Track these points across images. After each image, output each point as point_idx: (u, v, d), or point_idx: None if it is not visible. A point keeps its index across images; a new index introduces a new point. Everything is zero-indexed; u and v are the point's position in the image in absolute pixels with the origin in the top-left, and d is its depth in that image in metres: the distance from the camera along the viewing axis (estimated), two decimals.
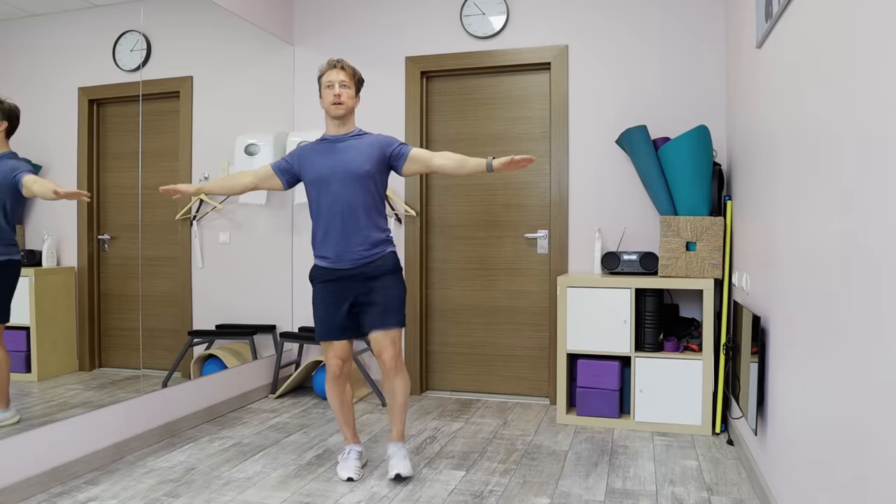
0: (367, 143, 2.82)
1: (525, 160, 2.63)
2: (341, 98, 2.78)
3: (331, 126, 2.86)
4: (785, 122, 2.19)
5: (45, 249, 2.72)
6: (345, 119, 2.83)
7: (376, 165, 2.80)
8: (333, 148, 2.83)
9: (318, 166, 2.81)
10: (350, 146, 2.82)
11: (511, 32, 4.13)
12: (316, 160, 2.82)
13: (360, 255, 2.78)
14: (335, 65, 2.81)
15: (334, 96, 2.78)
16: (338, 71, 2.80)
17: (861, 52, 1.45)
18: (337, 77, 2.79)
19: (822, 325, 1.73)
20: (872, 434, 1.36)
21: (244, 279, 3.99)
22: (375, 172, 2.80)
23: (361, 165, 2.77)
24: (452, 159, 2.78)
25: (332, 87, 2.79)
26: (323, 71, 2.83)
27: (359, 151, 2.80)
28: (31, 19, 2.68)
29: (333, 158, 2.80)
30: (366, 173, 2.77)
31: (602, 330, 3.56)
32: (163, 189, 2.77)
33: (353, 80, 2.83)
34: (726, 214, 3.45)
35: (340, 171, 2.77)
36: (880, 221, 1.32)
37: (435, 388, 4.36)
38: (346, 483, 2.78)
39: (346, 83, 2.80)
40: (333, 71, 2.80)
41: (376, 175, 2.81)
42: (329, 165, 2.79)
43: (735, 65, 3.39)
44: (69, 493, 2.66)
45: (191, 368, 3.57)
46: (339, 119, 2.82)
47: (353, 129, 2.86)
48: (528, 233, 4.17)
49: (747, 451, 2.87)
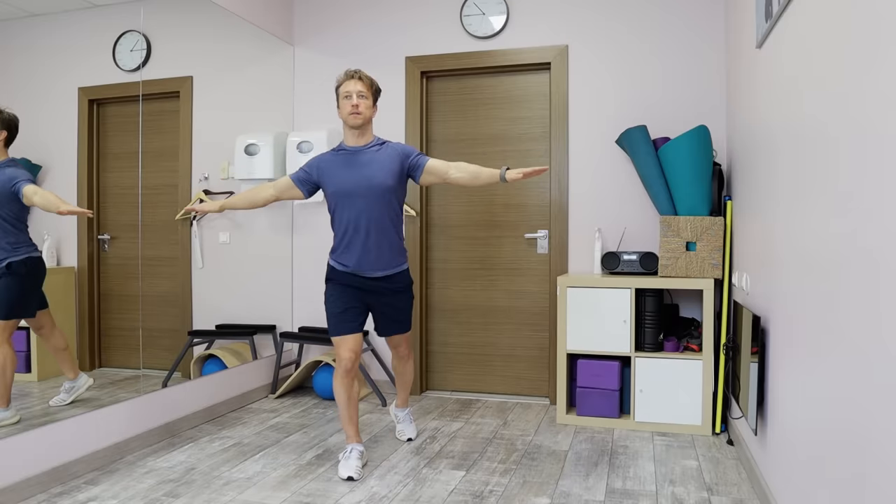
0: (387, 156, 2.85)
1: (538, 170, 2.66)
2: (359, 108, 2.80)
3: (349, 136, 2.88)
4: (784, 122, 2.19)
5: (45, 249, 2.73)
6: (363, 129, 2.86)
7: (397, 179, 2.87)
8: (354, 160, 2.85)
9: (340, 179, 2.84)
10: (372, 159, 2.85)
11: (511, 32, 4.13)
12: (337, 172, 2.85)
13: (379, 267, 2.90)
14: (353, 75, 2.83)
15: (352, 107, 2.80)
16: (355, 81, 2.82)
17: (861, 52, 1.45)
18: (354, 87, 2.81)
19: (822, 325, 1.73)
20: (871, 434, 1.36)
21: (244, 279, 3.99)
22: (397, 186, 2.88)
23: (384, 180, 2.82)
24: (467, 171, 2.83)
25: (349, 97, 2.81)
26: (340, 81, 2.85)
27: (380, 165, 2.84)
28: (31, 19, 2.68)
29: (356, 173, 2.84)
30: (388, 188, 2.84)
31: (602, 330, 3.56)
32: (188, 208, 2.90)
33: (371, 91, 2.85)
34: (726, 214, 3.45)
35: (364, 186, 2.82)
36: (878, 222, 1.32)
37: (435, 388, 4.36)
38: (346, 483, 2.78)
39: (363, 93, 2.82)
40: (351, 81, 2.82)
41: (398, 189, 2.89)
42: (352, 180, 2.83)
43: (735, 65, 3.39)
44: (69, 493, 2.66)
45: (191, 368, 3.57)
46: (358, 129, 2.84)
47: (371, 139, 2.89)
48: (528, 233, 4.17)
49: (747, 451, 2.87)
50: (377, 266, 2.89)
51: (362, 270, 2.89)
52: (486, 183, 2.82)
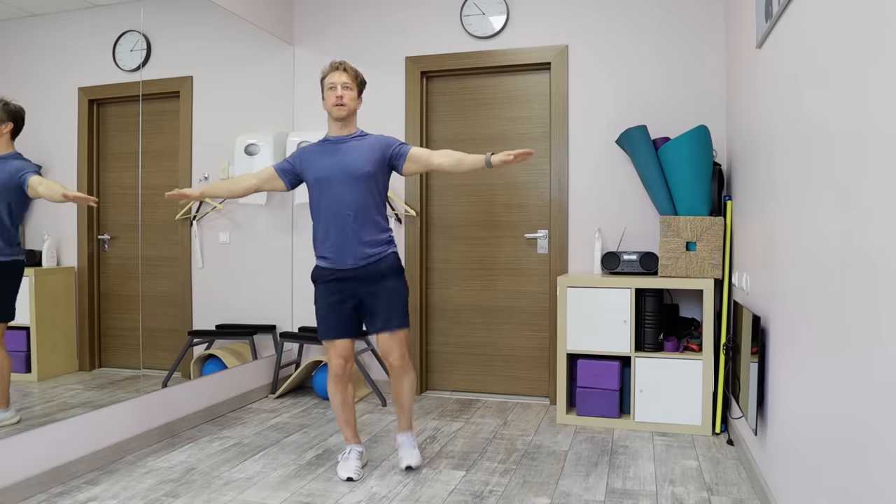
0: (367, 144, 2.84)
1: (523, 153, 2.64)
2: (343, 100, 2.80)
3: (333, 127, 2.88)
4: (784, 122, 2.19)
5: (45, 249, 2.73)
6: (347, 120, 2.85)
7: (377, 166, 2.82)
8: (335, 149, 2.84)
9: (319, 167, 2.83)
10: (352, 147, 2.83)
11: (511, 32, 4.13)
12: (317, 161, 2.84)
13: (360, 254, 2.80)
14: (337, 66, 2.83)
15: (336, 98, 2.80)
16: (340, 73, 2.82)
17: (861, 52, 1.45)
18: (339, 79, 2.81)
19: (822, 325, 1.73)
20: (871, 434, 1.36)
21: (244, 279, 3.99)
22: (377, 173, 2.83)
23: (362, 166, 2.79)
24: (450, 157, 2.81)
25: (334, 88, 2.81)
26: (325, 73, 2.84)
27: (360, 153, 2.82)
28: (31, 19, 2.68)
29: (335, 159, 2.82)
30: (366, 174, 2.80)
31: (602, 330, 3.56)
32: (168, 195, 2.81)
33: (356, 82, 2.85)
34: (726, 214, 3.45)
35: (341, 171, 2.79)
36: (878, 222, 1.32)
37: (435, 388, 4.36)
38: (346, 483, 2.78)
39: (348, 85, 2.82)
40: (336, 73, 2.82)
41: (377, 176, 2.84)
42: (330, 166, 2.81)
43: (735, 65, 3.39)
44: (69, 493, 2.66)
45: (191, 368, 3.57)
46: (342, 120, 2.84)
47: (354, 130, 2.89)
48: (528, 233, 4.17)
49: (747, 451, 2.87)
50: (357, 255, 2.79)
51: (343, 262, 2.80)
52: (470, 168, 2.77)
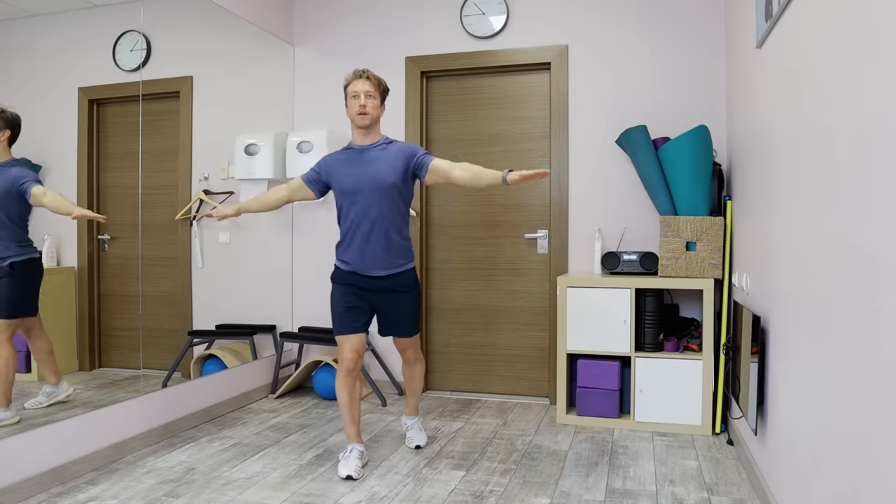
0: (392, 154, 2.87)
1: (539, 173, 2.57)
2: (366, 108, 2.83)
3: (357, 135, 2.90)
4: (784, 122, 2.19)
5: (45, 249, 2.73)
6: (370, 129, 2.88)
7: (401, 176, 2.88)
8: (360, 158, 2.88)
9: (345, 177, 2.87)
10: (377, 157, 2.86)
11: (511, 32, 4.13)
12: (343, 170, 2.88)
13: (383, 263, 2.90)
14: (360, 75, 2.84)
15: (360, 106, 2.82)
16: (363, 81, 2.83)
17: (861, 52, 1.45)
18: (362, 87, 2.82)
19: (822, 325, 1.73)
20: (871, 434, 1.36)
21: (244, 279, 3.99)
22: (401, 184, 2.88)
23: (387, 178, 2.83)
24: (469, 171, 2.80)
25: (357, 97, 2.82)
26: (349, 81, 2.87)
27: (385, 163, 2.85)
28: (31, 19, 2.68)
29: (361, 170, 2.86)
30: (391, 185, 2.85)
31: (602, 330, 3.56)
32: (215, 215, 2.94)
33: (378, 90, 2.86)
34: (726, 214, 3.45)
35: (368, 183, 2.84)
36: (877, 223, 1.32)
37: (435, 387, 4.36)
38: (346, 483, 2.78)
39: (371, 93, 2.83)
40: (359, 81, 2.83)
41: (402, 186, 2.89)
42: (357, 177, 2.85)
43: (735, 65, 3.39)
44: (69, 493, 2.66)
45: (191, 368, 3.57)
46: (365, 129, 2.86)
47: (378, 138, 2.92)
48: (528, 233, 4.17)
49: (747, 451, 2.87)
50: (379, 265, 2.90)
51: (364, 269, 2.90)
52: (487, 184, 2.79)
